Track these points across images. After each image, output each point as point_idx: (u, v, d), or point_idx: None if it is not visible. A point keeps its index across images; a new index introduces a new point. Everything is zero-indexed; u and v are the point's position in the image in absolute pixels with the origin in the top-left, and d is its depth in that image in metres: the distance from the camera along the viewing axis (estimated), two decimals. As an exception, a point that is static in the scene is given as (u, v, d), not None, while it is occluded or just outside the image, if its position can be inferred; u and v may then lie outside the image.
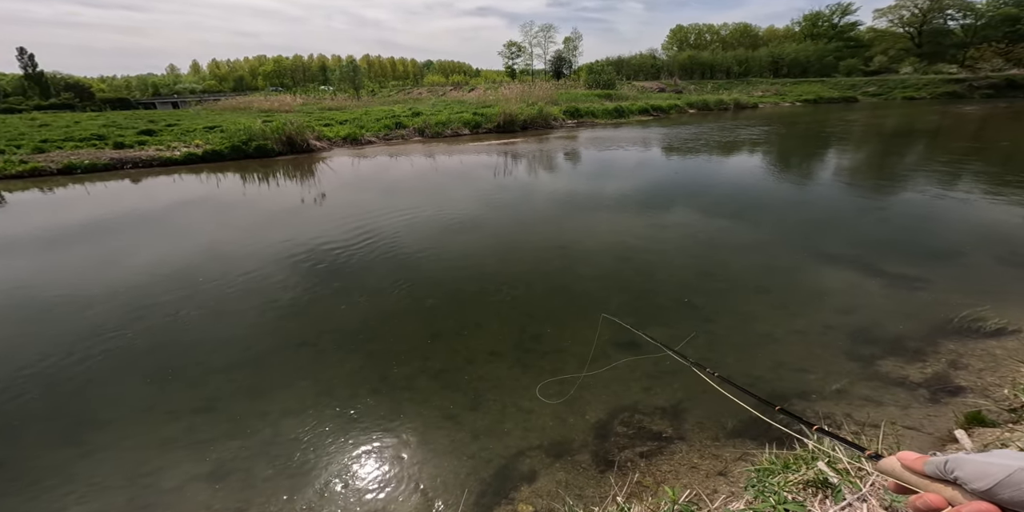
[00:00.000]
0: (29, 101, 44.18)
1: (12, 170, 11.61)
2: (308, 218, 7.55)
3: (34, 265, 5.56)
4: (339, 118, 21.08)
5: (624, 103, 27.75)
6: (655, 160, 12.63)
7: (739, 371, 3.28)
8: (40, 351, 3.64)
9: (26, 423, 2.84)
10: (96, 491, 2.27)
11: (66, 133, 16.61)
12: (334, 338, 3.80)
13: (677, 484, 2.43)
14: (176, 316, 4.18)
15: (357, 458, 2.55)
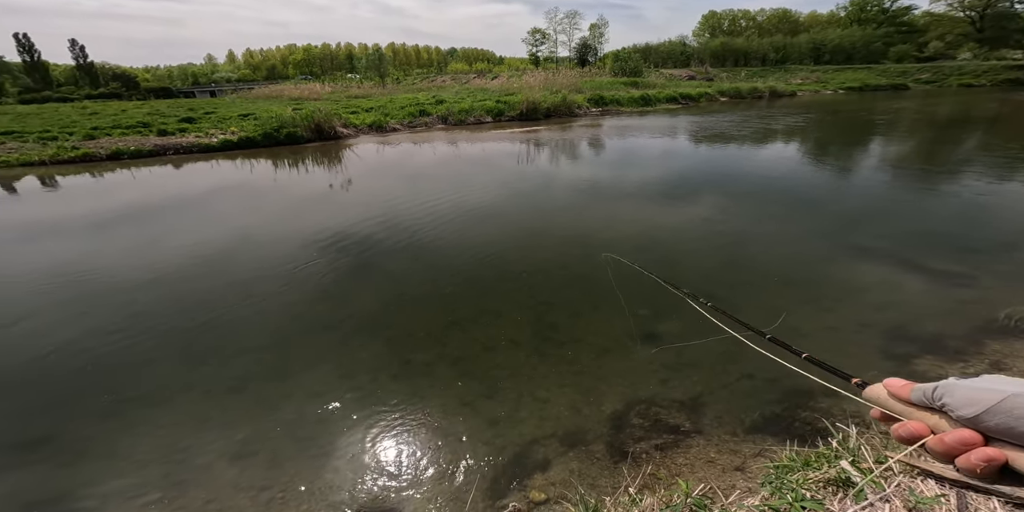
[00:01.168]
0: (80, 90, 45.94)
1: (65, 155, 12.12)
2: (334, 204, 7.61)
3: (83, 246, 5.79)
4: (365, 106, 21.11)
5: (651, 91, 26.59)
6: (682, 149, 12.11)
7: (765, 366, 3.13)
8: (87, 328, 3.79)
9: (74, 398, 2.96)
10: (135, 466, 2.34)
11: (114, 121, 17.19)
12: (356, 323, 3.82)
13: (692, 478, 2.36)
14: (210, 298, 4.28)
15: (376, 441, 2.55)
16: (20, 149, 12.57)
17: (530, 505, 2.28)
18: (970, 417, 0.47)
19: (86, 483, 2.23)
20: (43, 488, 2.22)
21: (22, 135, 14.16)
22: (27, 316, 4.00)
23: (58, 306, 4.18)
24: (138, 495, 2.13)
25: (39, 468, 2.35)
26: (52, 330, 3.77)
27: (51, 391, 3.02)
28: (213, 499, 2.09)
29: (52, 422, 2.72)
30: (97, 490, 2.17)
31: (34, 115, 20.02)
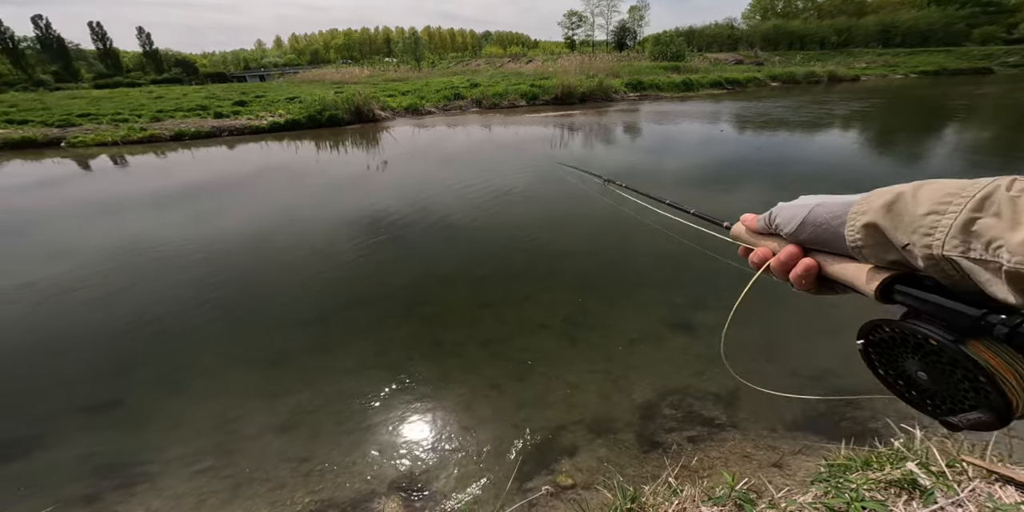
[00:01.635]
0: (146, 76, 47.69)
1: (135, 136, 12.61)
2: (371, 185, 7.59)
3: (148, 222, 6.01)
4: (401, 89, 20.87)
5: (693, 76, 24.64)
6: (724, 135, 11.21)
7: (808, 361, 2.89)
8: (150, 299, 3.91)
9: (139, 365, 3.04)
10: (192, 434, 2.38)
11: (176, 104, 17.72)
12: (391, 301, 3.79)
13: (727, 472, 2.22)
14: (257, 273, 4.35)
15: (407, 419, 2.52)
16: (96, 130, 13.16)
17: (558, 489, 2.20)
18: (791, 232, 0.49)
19: (151, 448, 2.28)
20: (115, 452, 2.29)
21: (97, 117, 14.82)
22: (99, 285, 4.18)
23: (125, 277, 4.34)
24: (194, 462, 2.18)
25: (110, 432, 2.43)
26: (119, 299, 3.93)
27: (119, 357, 3.13)
28: (259, 468, 2.11)
29: (121, 387, 2.81)
30: (160, 455, 2.23)
31: (107, 99, 20.90)
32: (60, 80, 40.78)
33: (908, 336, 0.42)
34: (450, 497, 2.06)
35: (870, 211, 0.41)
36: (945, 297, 0.39)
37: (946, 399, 0.41)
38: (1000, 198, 0.34)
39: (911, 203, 0.38)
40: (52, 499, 1.95)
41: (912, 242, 0.38)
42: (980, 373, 0.36)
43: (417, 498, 2.03)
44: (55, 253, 5.00)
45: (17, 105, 17.95)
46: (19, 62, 42.59)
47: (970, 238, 0.34)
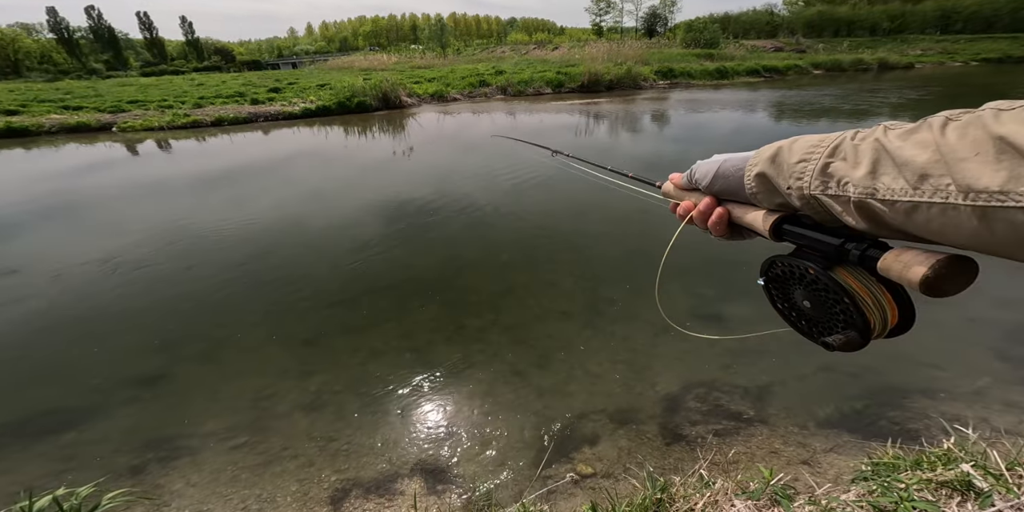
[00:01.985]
0: (189, 64, 48.56)
1: (179, 122, 12.87)
2: (397, 170, 7.51)
3: (189, 204, 6.12)
4: (427, 76, 20.53)
5: (728, 63, 22.96)
6: (758, 124, 10.54)
7: (848, 358, 2.69)
8: (192, 277, 3.98)
9: (182, 340, 3.09)
10: (228, 410, 2.40)
11: (216, 91, 17.96)
12: (415, 285, 3.74)
13: (763, 466, 2.10)
14: (290, 254, 4.37)
15: (430, 402, 2.48)
16: (143, 116, 13.49)
17: (578, 477, 2.13)
18: (706, 185, 0.54)
19: (190, 423, 2.31)
20: (159, 424, 2.32)
21: (144, 104, 15.18)
22: (145, 263, 4.29)
23: (169, 256, 4.44)
24: (229, 437, 2.19)
25: (155, 405, 2.47)
26: (163, 276, 4.02)
27: (164, 331, 3.20)
28: (289, 446, 2.11)
29: (165, 361, 2.86)
30: (199, 430, 2.26)
31: (153, 86, 21.38)
32: (111, 68, 41.98)
33: (794, 268, 0.46)
34: (470, 481, 2.01)
35: (760, 163, 0.46)
36: (816, 231, 0.44)
37: (824, 323, 0.46)
38: (846, 146, 0.39)
39: (788, 154, 0.43)
40: (104, 470, 1.99)
41: (790, 185, 0.43)
42: (845, 295, 0.41)
43: (438, 481, 1.99)
44: (106, 232, 5.16)
45: (72, 92, 18.58)
46: (74, 51, 44.01)
47: (827, 178, 0.40)
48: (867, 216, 0.38)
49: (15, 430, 2.29)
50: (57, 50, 43.20)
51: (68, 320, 3.38)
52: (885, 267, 0.37)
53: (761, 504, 1.60)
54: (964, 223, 0.31)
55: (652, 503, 1.63)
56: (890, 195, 0.35)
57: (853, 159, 0.38)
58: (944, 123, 0.33)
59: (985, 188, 0.29)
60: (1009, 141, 0.28)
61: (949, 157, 0.31)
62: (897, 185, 0.34)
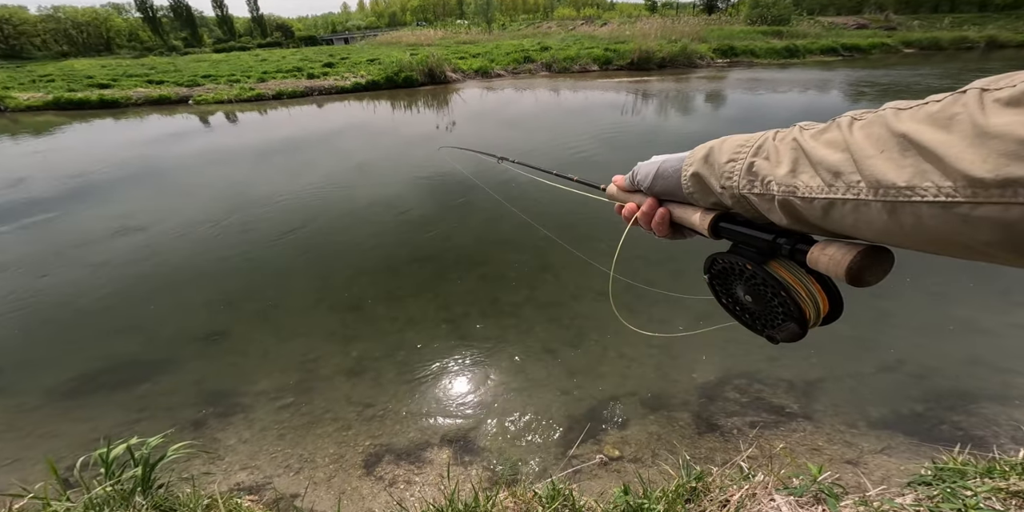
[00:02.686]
0: (254, 40, 49.23)
1: (245, 95, 13.11)
2: (439, 144, 7.29)
3: (249, 171, 6.24)
4: (472, 51, 19.60)
5: (799, 41, 19.67)
6: (831, 105, 9.12)
7: (916, 359, 2.35)
8: (250, 240, 4.04)
9: (242, 299, 3.14)
10: (279, 370, 2.40)
11: (277, 66, 18.09)
12: (455, 256, 3.61)
13: (800, 462, 1.89)
14: (340, 223, 4.35)
15: (462, 374, 2.38)
16: (215, 90, 13.84)
17: (604, 460, 2.00)
18: (648, 187, 0.52)
19: (245, 381, 2.34)
20: (219, 379, 2.36)
21: (216, 78, 15.55)
22: (208, 223, 4.42)
23: (232, 219, 4.54)
24: (278, 397, 2.20)
25: (217, 361, 2.52)
26: (228, 239, 4.12)
27: (227, 291, 3.27)
28: (330, 409, 2.10)
29: (227, 319, 2.92)
30: (252, 388, 2.28)
31: (224, 62, 21.83)
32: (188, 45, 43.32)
33: (733, 264, 0.46)
34: (496, 455, 1.92)
35: (695, 163, 0.45)
36: (750, 228, 0.44)
37: (765, 316, 0.45)
38: (769, 145, 0.39)
39: (718, 154, 0.43)
40: (170, 422, 2.05)
41: (722, 185, 0.42)
42: (781, 288, 0.41)
43: (466, 452, 1.92)
44: (180, 196, 5.36)
45: (155, 67, 19.34)
46: (157, 29, 45.66)
47: (753, 177, 0.39)
48: (790, 213, 0.37)
49: (100, 378, 2.41)
50: (143, 28, 45.01)
51: (145, 277, 3.54)
52: (813, 260, 0.38)
53: (804, 501, 1.43)
54: (875, 218, 0.31)
55: (686, 491, 1.50)
56: (808, 192, 0.34)
57: (775, 158, 0.38)
58: (851, 123, 0.34)
59: (892, 184, 0.29)
60: (911, 139, 0.28)
61: (858, 155, 0.31)
62: (814, 183, 0.34)
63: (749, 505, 1.42)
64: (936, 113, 0.28)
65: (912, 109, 0.30)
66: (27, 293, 3.32)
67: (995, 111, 0.25)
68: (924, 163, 0.27)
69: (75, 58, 29.06)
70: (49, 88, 13.98)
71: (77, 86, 14.14)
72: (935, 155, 0.27)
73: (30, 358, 2.60)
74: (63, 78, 16.00)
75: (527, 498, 1.45)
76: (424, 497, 1.62)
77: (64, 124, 10.46)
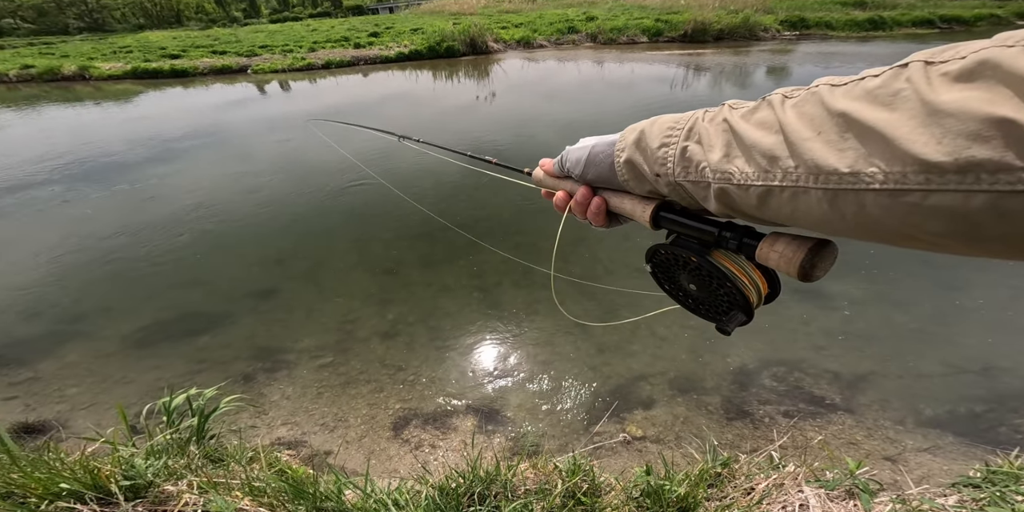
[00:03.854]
0: (305, 10, 48.09)
1: (297, 65, 12.90)
2: (478, 116, 6.86)
3: (299, 139, 6.12)
4: (515, 21, 18.11)
5: (887, 13, 16.20)
6: None
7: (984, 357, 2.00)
8: (303, 202, 3.99)
9: (291, 258, 3.12)
10: (320, 329, 2.35)
11: (326, 36, 17.58)
12: (490, 226, 3.42)
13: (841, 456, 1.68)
14: (376, 191, 4.21)
15: (492, 344, 2.26)
16: (270, 60, 13.70)
17: (626, 439, 1.85)
18: (579, 174, 0.46)
19: (290, 338, 2.31)
20: (268, 335, 2.35)
21: (271, 48, 15.34)
22: (263, 187, 4.41)
23: (284, 182, 4.52)
24: (319, 356, 2.16)
25: (266, 318, 2.51)
26: (281, 199, 4.10)
27: (277, 250, 3.26)
28: (365, 370, 2.05)
29: (277, 276, 2.91)
30: (296, 345, 2.25)
31: (279, 32, 21.51)
32: (247, 16, 42.99)
33: (677, 256, 0.43)
34: (520, 426, 1.82)
35: (627, 148, 0.40)
36: (693, 220, 0.40)
37: (710, 303, 0.43)
38: (700, 127, 0.34)
39: (650, 138, 0.37)
40: (223, 375, 2.06)
41: (657, 173, 0.37)
42: (726, 280, 0.39)
43: (490, 421, 1.82)
44: (237, 159, 5.39)
45: (219, 38, 19.32)
46: (221, 1, 45.45)
47: (687, 163, 0.34)
48: (726, 202, 0.33)
49: (168, 329, 2.47)
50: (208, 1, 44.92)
51: (209, 233, 3.60)
52: (763, 257, 0.35)
53: (835, 495, 1.29)
54: (814, 207, 0.27)
55: (710, 476, 1.37)
56: (744, 179, 0.30)
57: (708, 142, 0.33)
58: (782, 101, 0.30)
59: (833, 169, 0.25)
60: (850, 118, 0.24)
61: (793, 137, 0.27)
62: (749, 169, 0.30)
63: (775, 494, 1.29)
64: (876, 89, 0.24)
65: (848, 85, 0.26)
66: (110, 246, 3.47)
67: (945, 86, 0.22)
68: (867, 145, 0.24)
69: (150, 30, 29.65)
70: (128, 59, 14.35)
71: (152, 57, 14.43)
72: (880, 136, 0.23)
73: (111, 305, 2.72)
74: (140, 49, 16.36)
75: (547, 470, 1.35)
76: (447, 462, 1.55)
77: (141, 92, 10.77)
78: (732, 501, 1.27)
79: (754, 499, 1.27)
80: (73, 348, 2.30)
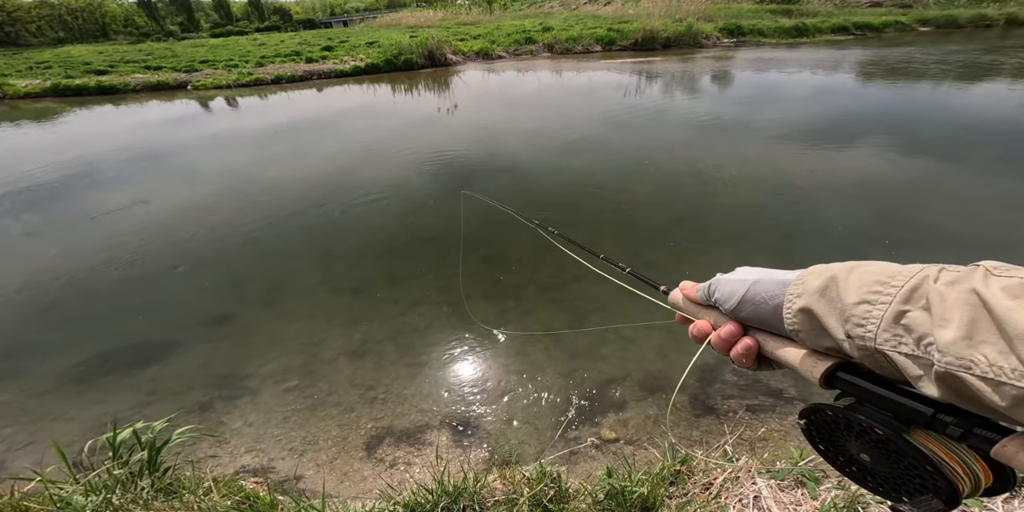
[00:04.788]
0: (251, 24, 47.90)
1: (243, 80, 12.83)
2: (439, 128, 7.12)
3: (249, 156, 6.12)
4: (473, 33, 18.97)
5: (809, 20, 18.91)
6: (840, 86, 8.68)
7: None
8: (256, 225, 3.98)
9: (247, 282, 3.12)
10: (284, 352, 2.40)
11: (275, 50, 17.59)
12: (455, 240, 3.56)
13: (793, 447, 1.89)
14: (336, 207, 4.29)
15: (463, 357, 2.37)
16: (213, 75, 13.54)
17: (601, 441, 2.00)
18: (730, 309, 0.43)
19: (250, 363, 2.33)
20: (225, 363, 2.36)
21: (214, 63, 15.20)
22: (211, 207, 4.37)
23: (235, 202, 4.49)
24: (283, 380, 2.20)
25: (223, 344, 2.52)
26: (232, 221, 4.07)
27: (233, 273, 3.25)
28: (334, 392, 2.10)
29: (233, 302, 2.90)
30: (257, 371, 2.27)
31: (222, 46, 21.28)
32: (185, 30, 42.19)
33: (852, 423, 0.37)
34: (495, 437, 1.93)
35: (804, 294, 0.36)
36: (892, 391, 0.35)
37: (889, 481, 0.38)
38: (928, 290, 0.30)
39: (844, 289, 0.34)
40: (177, 405, 2.06)
41: (849, 333, 0.33)
42: (927, 463, 0.33)
43: (465, 435, 1.92)
44: (184, 178, 5.30)
45: (153, 53, 18.92)
46: (153, 14, 44.44)
47: (901, 332, 0.30)
48: (955, 390, 0.28)
49: (110, 360, 2.42)
50: (139, 13, 43.82)
51: (154, 260, 3.53)
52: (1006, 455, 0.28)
53: (785, 484, 1.43)
54: None
55: (670, 473, 1.51)
56: (995, 374, 0.25)
57: (941, 313, 0.28)
58: None
59: None
60: None
61: None
62: (1007, 363, 0.24)
63: (731, 488, 1.43)
64: None
65: None
66: (47, 274, 3.33)
67: None
68: None
69: (72, 45, 28.48)
70: (47, 75, 13.75)
71: (75, 73, 13.89)
72: None
73: (44, 339, 2.61)
74: (60, 65, 15.72)
75: (515, 480, 1.42)
76: (422, 479, 1.63)
77: (65, 111, 10.32)
78: (692, 497, 1.39)
79: (712, 494, 1.39)
80: (4, 388, 2.21)
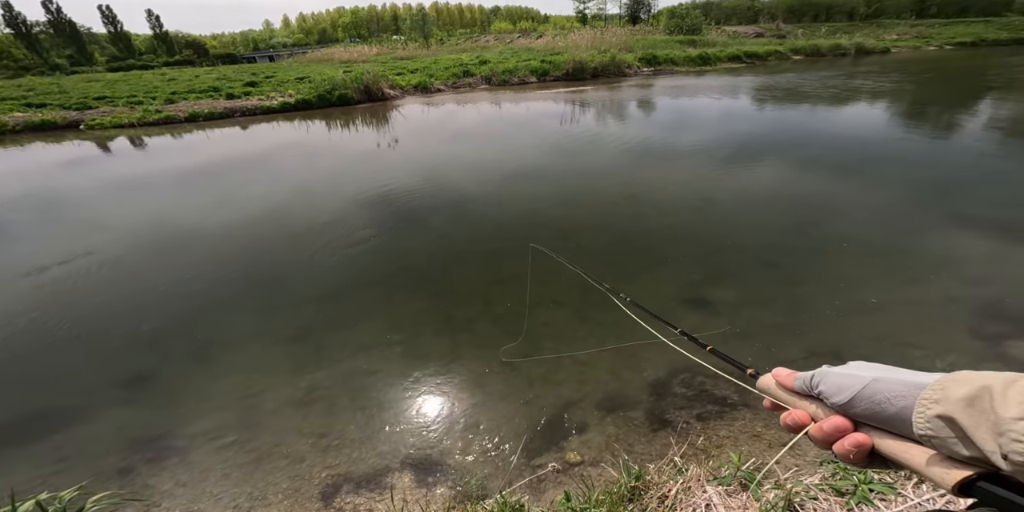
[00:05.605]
0: (159, 58, 46.76)
1: (150, 118, 12.46)
2: (380, 164, 7.41)
3: (168, 200, 5.96)
4: (410, 67, 20.18)
5: (710, 50, 23.13)
6: (742, 110, 10.58)
7: (826, 340, 2.77)
8: (176, 275, 3.89)
9: (169, 338, 3.04)
10: (216, 408, 2.38)
11: (189, 86, 17.39)
12: (403, 278, 3.72)
13: (736, 451, 2.16)
14: (275, 251, 4.30)
15: (420, 395, 2.49)
16: (112, 113, 13.02)
17: (566, 466, 2.17)
18: (841, 404, 0.45)
19: (178, 423, 2.28)
20: (147, 425, 2.29)
21: (113, 100, 14.64)
22: (124, 259, 4.17)
23: (151, 253, 4.33)
24: (218, 437, 2.17)
25: (143, 405, 2.44)
26: (147, 275, 3.91)
27: (150, 330, 3.14)
28: (281, 443, 2.10)
29: (152, 360, 2.82)
30: (188, 430, 2.23)
31: (122, 82, 20.58)
32: (75, 64, 40.17)
33: None
34: (460, 473, 2.03)
35: (944, 401, 0.37)
36: None
37: None
38: None
39: (1001, 402, 0.34)
40: (89, 471, 1.97)
41: (1005, 451, 0.33)
42: None
43: (428, 473, 2.01)
44: (80, 232, 5.00)
45: (35, 89, 17.82)
46: (34, 46, 41.98)
47: None
48: None
49: (8, 431, 2.25)
50: (16, 45, 41.21)
51: (53, 322, 3.29)
52: None
53: (732, 489, 1.65)
54: None
55: (627, 491, 1.65)
56: None
57: None
58: None
59: None
60: None
61: None
62: None
63: (684, 498, 1.60)
64: None
65: None
66: None
67: None
68: None
69: (-73, 79, 25.97)
70: None
71: (-67, 112, 12.68)
72: None
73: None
74: (-87, 102, 14.27)
75: None
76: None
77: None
78: (650, 511, 1.55)
79: (668, 505, 1.55)
80: None
